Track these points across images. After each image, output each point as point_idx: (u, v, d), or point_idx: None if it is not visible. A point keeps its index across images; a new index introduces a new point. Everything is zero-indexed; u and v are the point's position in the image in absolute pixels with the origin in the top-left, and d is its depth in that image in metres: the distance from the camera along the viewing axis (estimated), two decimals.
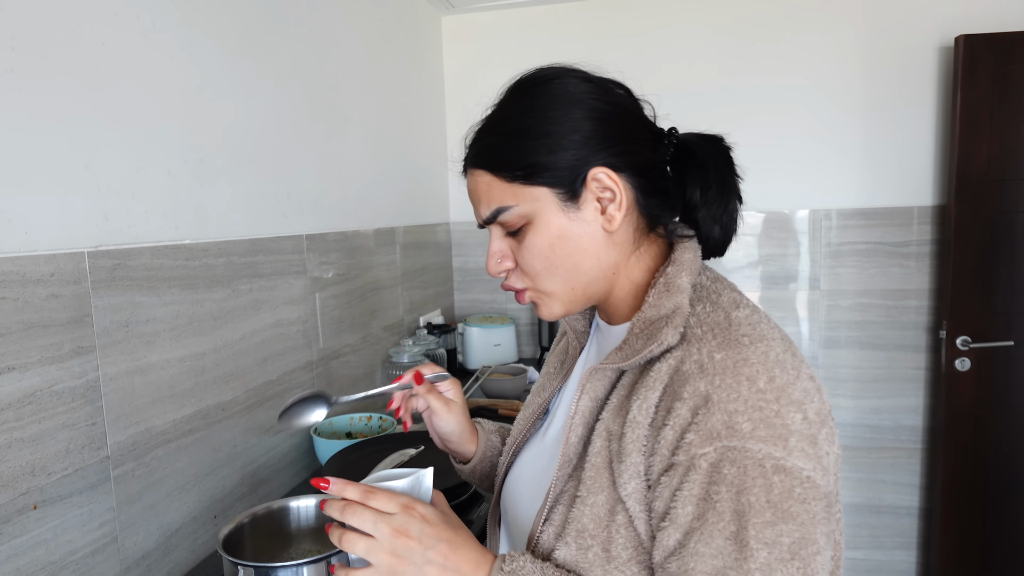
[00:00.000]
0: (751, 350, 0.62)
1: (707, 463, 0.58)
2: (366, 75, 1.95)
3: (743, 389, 0.59)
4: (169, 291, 1.14)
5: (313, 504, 1.01)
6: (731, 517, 0.57)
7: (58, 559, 0.94)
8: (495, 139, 0.72)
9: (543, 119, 0.69)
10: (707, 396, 0.60)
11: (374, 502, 0.65)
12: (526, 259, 0.72)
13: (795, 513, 0.57)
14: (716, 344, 0.63)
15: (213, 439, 1.26)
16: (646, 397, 0.64)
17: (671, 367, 0.64)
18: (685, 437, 0.60)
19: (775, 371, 0.61)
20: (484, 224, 0.74)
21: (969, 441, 2.27)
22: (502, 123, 0.72)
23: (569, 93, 0.70)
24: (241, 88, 1.36)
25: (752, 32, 2.39)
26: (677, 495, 0.60)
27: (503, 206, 0.71)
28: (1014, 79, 2.12)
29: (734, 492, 0.57)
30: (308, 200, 1.62)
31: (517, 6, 2.55)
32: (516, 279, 0.75)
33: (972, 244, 2.20)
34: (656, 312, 0.69)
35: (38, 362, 0.90)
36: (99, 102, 1.01)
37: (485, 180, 0.72)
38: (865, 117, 2.35)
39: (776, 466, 0.57)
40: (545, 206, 0.70)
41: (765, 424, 0.58)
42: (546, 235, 0.70)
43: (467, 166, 0.75)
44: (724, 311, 0.67)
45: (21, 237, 0.89)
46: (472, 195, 0.75)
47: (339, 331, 1.75)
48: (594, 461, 0.67)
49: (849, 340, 2.45)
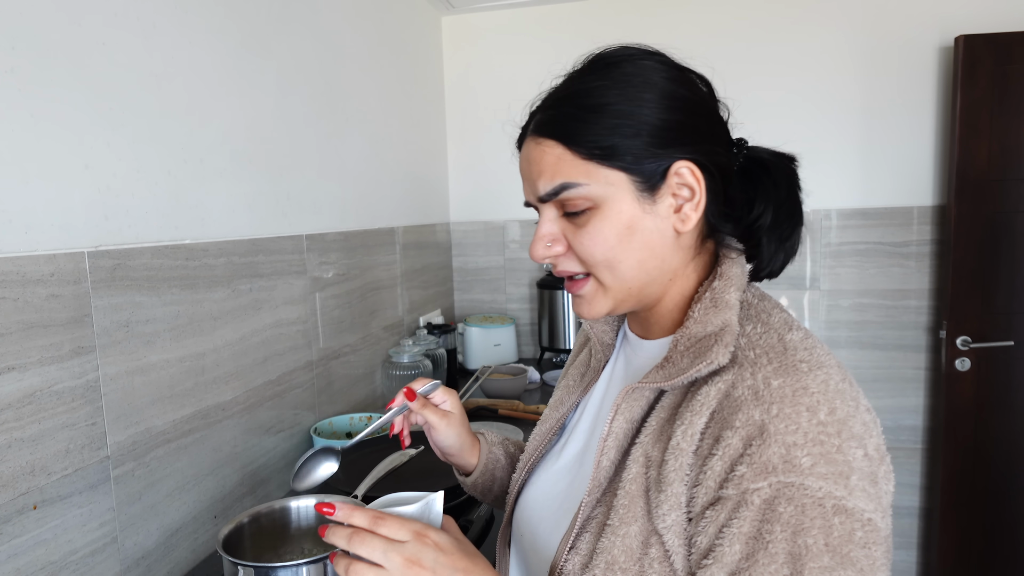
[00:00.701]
0: (810, 378, 0.57)
1: (760, 499, 0.54)
2: (366, 75, 1.95)
3: (803, 420, 0.55)
4: (169, 291, 1.14)
5: (313, 504, 1.01)
6: (784, 559, 0.52)
7: (58, 559, 0.94)
8: (574, 111, 0.65)
9: (632, 99, 0.64)
10: (763, 426, 0.55)
11: (384, 529, 0.59)
12: (586, 246, 0.66)
13: (855, 559, 0.52)
14: (772, 369, 0.58)
15: (213, 439, 1.26)
16: (691, 422, 0.60)
17: (720, 391, 0.59)
18: (736, 469, 0.55)
19: (836, 402, 0.56)
20: (541, 200, 0.67)
21: (969, 441, 2.27)
22: (584, 96, 0.65)
23: (660, 77, 0.65)
24: (241, 88, 1.36)
25: (752, 32, 2.39)
26: (724, 532, 0.55)
27: (572, 182, 0.64)
28: (1014, 79, 2.12)
29: (789, 532, 0.52)
30: (308, 200, 1.62)
31: (517, 6, 2.55)
32: (571, 263, 0.68)
33: (972, 244, 2.20)
34: (702, 329, 0.64)
35: (38, 362, 0.90)
36: (99, 102, 1.01)
37: (555, 152, 0.65)
38: (865, 117, 2.35)
39: (837, 507, 0.53)
40: (619, 192, 0.64)
41: (826, 460, 0.54)
42: (616, 223, 0.64)
43: (533, 134, 0.67)
44: (777, 333, 0.63)
45: (21, 237, 0.89)
46: (532, 166, 0.67)
47: (339, 331, 1.75)
48: (628, 488, 0.63)
49: (849, 340, 2.45)
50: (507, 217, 2.69)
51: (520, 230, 2.69)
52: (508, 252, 2.72)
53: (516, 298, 2.74)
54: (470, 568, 0.59)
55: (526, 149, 0.69)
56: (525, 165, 0.69)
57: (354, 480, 1.27)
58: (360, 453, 1.45)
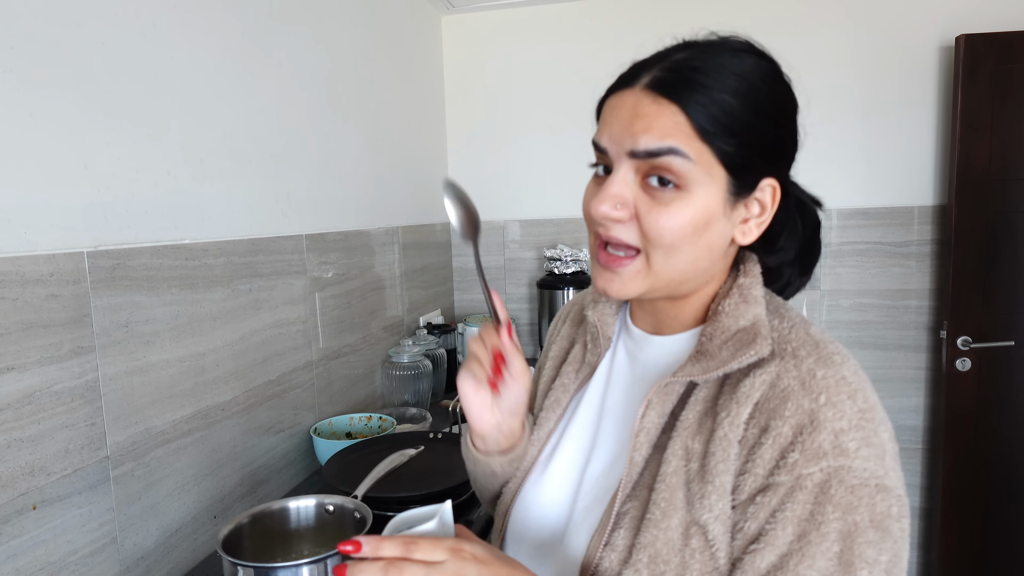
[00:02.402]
0: (846, 368, 0.61)
1: (813, 483, 0.57)
2: (366, 75, 1.95)
3: (846, 408, 0.59)
4: (169, 291, 1.14)
5: (313, 504, 1.01)
6: (836, 537, 0.56)
7: (57, 559, 0.94)
8: (714, 89, 0.62)
9: (768, 103, 0.64)
10: (812, 414, 0.58)
11: (419, 554, 0.56)
12: (662, 224, 0.62)
13: (892, 531, 0.57)
14: (814, 361, 0.62)
15: (213, 439, 1.26)
16: (737, 413, 0.61)
17: (765, 382, 0.62)
18: (788, 457, 0.58)
19: (867, 390, 0.61)
20: (633, 155, 0.63)
21: (969, 441, 2.26)
22: (726, 77, 0.63)
23: (788, 91, 0.67)
24: (241, 88, 1.36)
25: (752, 31, 2.36)
26: (777, 516, 0.57)
27: (683, 150, 0.61)
28: (1015, 79, 2.12)
29: (840, 512, 0.56)
30: (308, 200, 1.62)
31: (517, 6, 2.55)
32: (630, 234, 0.64)
33: (972, 244, 2.20)
34: (735, 323, 0.66)
35: (37, 362, 0.90)
36: (99, 102, 1.01)
37: (676, 118, 0.61)
38: (865, 117, 2.35)
39: (879, 485, 0.57)
40: (714, 185, 0.63)
41: (867, 443, 0.58)
42: (698, 213, 0.63)
43: (651, 88, 0.63)
44: (802, 327, 0.66)
45: (21, 237, 0.89)
46: (640, 119, 0.62)
47: (339, 331, 1.75)
48: (669, 481, 0.63)
49: (849, 340, 2.44)
50: (507, 217, 2.69)
51: (520, 230, 2.69)
52: (508, 252, 2.72)
53: (516, 298, 2.74)
54: (513, 574, 0.58)
55: (633, 98, 0.64)
56: (626, 113, 0.64)
57: (354, 480, 1.27)
58: (360, 453, 1.45)
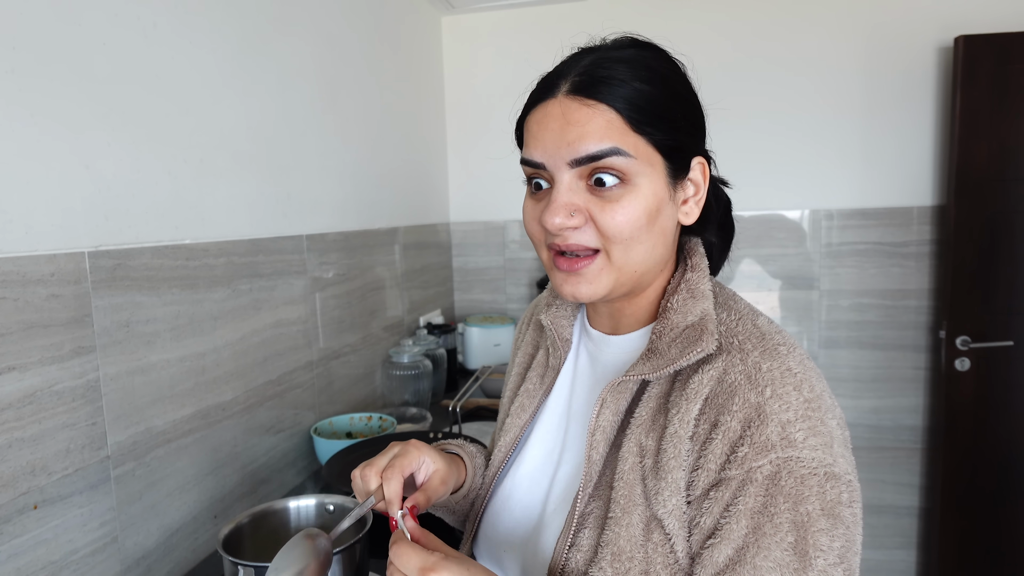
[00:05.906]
0: (791, 359, 0.62)
1: (763, 475, 0.57)
2: (366, 75, 1.95)
3: (792, 399, 0.59)
4: (169, 291, 1.14)
5: (313, 504, 1.01)
6: (789, 528, 0.56)
7: (58, 559, 0.94)
8: (635, 81, 0.63)
9: (683, 85, 0.68)
10: (759, 407, 0.59)
11: None
12: (618, 221, 0.63)
13: (843, 517, 0.57)
14: (759, 354, 0.62)
15: (213, 439, 1.26)
16: (686, 409, 0.62)
17: (712, 378, 0.62)
18: (737, 451, 0.58)
19: (812, 379, 0.61)
20: (577, 163, 0.63)
21: (969, 441, 2.27)
22: (643, 68, 0.64)
23: (683, 70, 0.70)
24: (241, 88, 1.36)
25: (752, 32, 2.39)
26: (730, 510, 0.58)
27: (625, 150, 0.62)
28: (1014, 79, 2.12)
29: (791, 503, 0.56)
30: (308, 200, 1.62)
31: (517, 6, 2.55)
32: (588, 236, 0.65)
33: (972, 244, 2.20)
34: (683, 319, 0.67)
35: (38, 362, 0.90)
36: (99, 102, 1.01)
37: (607, 116, 0.62)
38: (865, 117, 2.35)
39: (828, 473, 0.57)
40: (655, 173, 0.64)
41: (814, 432, 0.58)
42: (648, 203, 0.64)
43: (575, 93, 0.64)
44: (749, 319, 0.66)
45: (21, 237, 0.89)
46: (573, 126, 0.63)
47: (339, 331, 1.75)
48: (627, 479, 0.64)
49: (849, 340, 2.45)
50: (507, 217, 2.69)
51: (520, 230, 2.69)
52: (508, 252, 2.72)
53: (516, 298, 2.74)
54: None
55: (559, 107, 0.64)
56: (556, 124, 0.64)
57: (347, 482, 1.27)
58: (360, 453, 1.45)
